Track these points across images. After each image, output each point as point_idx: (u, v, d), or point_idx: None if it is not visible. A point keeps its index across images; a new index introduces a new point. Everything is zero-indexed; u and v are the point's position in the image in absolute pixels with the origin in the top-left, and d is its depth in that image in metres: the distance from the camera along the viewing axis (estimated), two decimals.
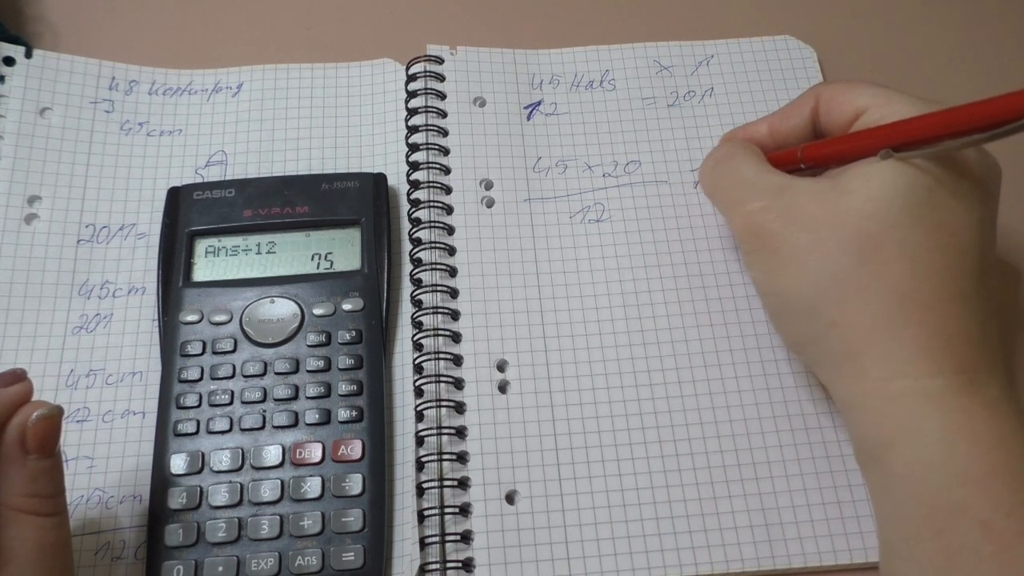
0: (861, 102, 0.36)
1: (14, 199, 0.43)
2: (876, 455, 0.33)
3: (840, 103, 0.37)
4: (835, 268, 0.33)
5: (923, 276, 0.33)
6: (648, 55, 0.50)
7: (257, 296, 0.41)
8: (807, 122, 0.39)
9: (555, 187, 0.46)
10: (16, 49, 0.46)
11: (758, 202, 0.36)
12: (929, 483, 0.31)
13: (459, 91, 0.47)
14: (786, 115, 0.40)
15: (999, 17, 0.54)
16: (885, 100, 0.35)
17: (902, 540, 0.32)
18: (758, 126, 0.41)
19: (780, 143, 0.40)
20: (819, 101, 0.39)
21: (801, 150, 0.38)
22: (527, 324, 0.42)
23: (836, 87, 0.38)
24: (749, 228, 0.36)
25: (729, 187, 0.39)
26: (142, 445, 0.39)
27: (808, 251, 0.34)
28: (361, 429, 0.38)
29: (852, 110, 0.36)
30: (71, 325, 0.41)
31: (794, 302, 0.35)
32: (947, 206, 0.33)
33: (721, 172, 0.40)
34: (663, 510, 0.38)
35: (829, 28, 0.52)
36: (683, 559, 0.37)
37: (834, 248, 0.33)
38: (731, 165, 0.39)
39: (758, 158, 0.39)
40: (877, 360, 0.33)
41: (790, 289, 0.35)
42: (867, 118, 0.36)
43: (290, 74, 0.48)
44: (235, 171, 0.45)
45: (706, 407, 0.40)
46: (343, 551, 0.36)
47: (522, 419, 0.40)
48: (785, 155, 0.39)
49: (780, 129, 0.40)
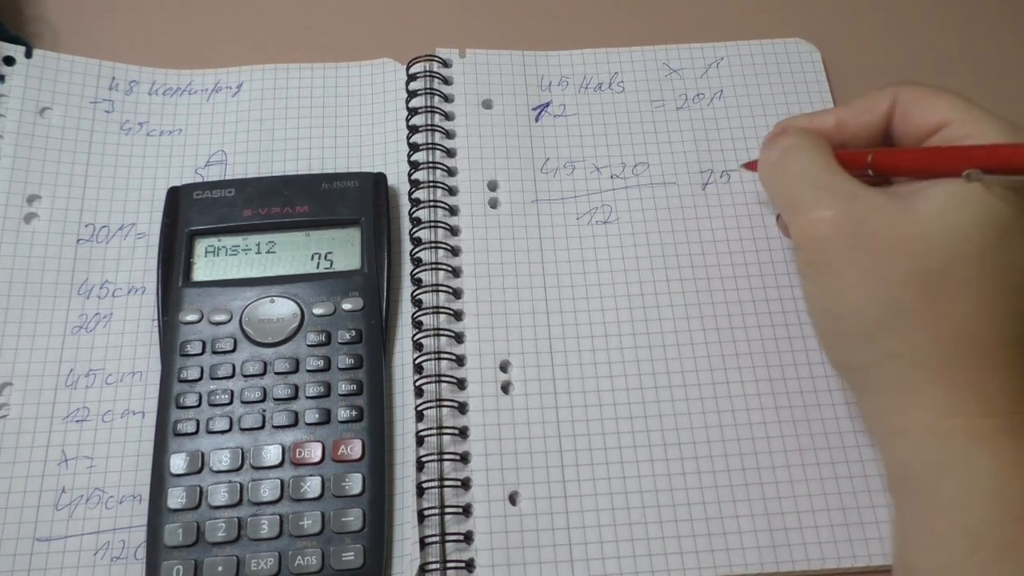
0: (945, 115, 0.35)
1: (14, 198, 0.45)
2: (916, 484, 0.34)
3: (920, 110, 0.37)
4: (898, 298, 0.33)
5: (987, 317, 0.33)
6: (657, 58, 0.52)
7: (257, 296, 0.43)
8: (880, 122, 0.38)
9: (563, 188, 0.48)
10: (16, 49, 0.49)
11: (826, 211, 0.35)
12: (977, 518, 0.32)
13: (467, 93, 0.50)
14: (858, 111, 0.39)
15: (1000, 18, 0.56)
16: (972, 118, 0.35)
17: (938, 568, 0.33)
18: (825, 117, 0.40)
19: (847, 140, 0.39)
20: (897, 102, 0.38)
21: (872, 155, 0.37)
22: (532, 325, 0.44)
23: (920, 92, 0.37)
24: (812, 238, 0.35)
25: (794, 185, 0.37)
26: (142, 445, 0.41)
27: (873, 277, 0.34)
28: (361, 429, 0.40)
29: (934, 120, 0.36)
30: (71, 325, 0.43)
31: (850, 327, 0.35)
32: (1019, 246, 0.33)
33: (786, 165, 0.38)
34: (667, 513, 0.40)
35: (835, 30, 0.54)
36: (687, 562, 0.39)
37: (900, 277, 0.33)
38: (799, 160, 0.37)
39: (828, 156, 0.37)
40: (932, 397, 0.33)
41: (847, 313, 0.35)
42: (948, 132, 0.35)
43: (290, 74, 0.51)
44: (235, 171, 0.48)
45: (711, 410, 0.42)
46: (343, 551, 0.38)
47: (526, 420, 0.42)
48: (853, 156, 0.38)
49: (849, 125, 0.39)
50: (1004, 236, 0.33)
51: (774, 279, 0.46)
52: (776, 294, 0.45)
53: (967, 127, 0.35)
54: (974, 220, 0.33)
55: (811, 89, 0.51)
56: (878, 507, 0.40)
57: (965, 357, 0.33)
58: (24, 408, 0.42)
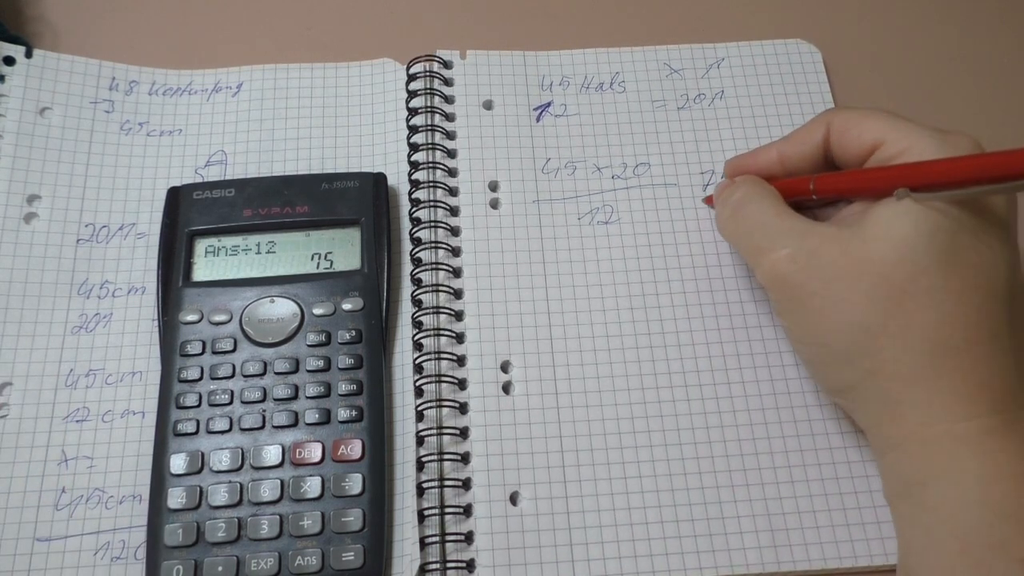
0: (877, 134, 0.37)
1: (14, 198, 0.46)
2: (909, 491, 0.35)
3: (855, 134, 0.38)
4: (865, 318, 0.35)
5: (953, 321, 0.34)
6: (658, 58, 0.53)
7: (257, 296, 0.43)
8: (818, 149, 0.40)
9: (564, 188, 0.48)
10: (16, 49, 0.49)
11: (782, 250, 0.37)
12: (966, 520, 0.33)
13: (468, 94, 0.50)
14: (796, 141, 0.41)
15: (1001, 18, 0.56)
16: (903, 134, 0.36)
17: (933, 571, 0.34)
18: (767, 152, 0.42)
19: (790, 170, 0.41)
20: (831, 129, 0.40)
21: (813, 181, 0.39)
22: (533, 325, 0.44)
23: (849, 115, 0.39)
24: (775, 278, 0.38)
25: (750, 233, 0.40)
26: (142, 445, 0.41)
27: (836, 302, 0.36)
28: (361, 429, 0.41)
29: (868, 141, 0.38)
30: (71, 324, 0.44)
31: (828, 352, 0.37)
32: (971, 248, 0.34)
33: (740, 218, 0.40)
34: (668, 513, 0.40)
35: (836, 31, 0.55)
36: (687, 563, 0.39)
37: (862, 298, 0.35)
38: (749, 210, 0.40)
39: (775, 200, 0.40)
40: (914, 407, 0.35)
41: (822, 340, 0.37)
42: (883, 152, 0.37)
43: (290, 74, 0.51)
44: (235, 171, 0.48)
45: (712, 411, 0.43)
46: (343, 551, 0.38)
47: (527, 420, 0.42)
48: (795, 183, 0.40)
49: (790, 156, 0.41)
50: (951, 242, 0.34)
51: None
52: None
53: (900, 143, 0.36)
54: (919, 231, 0.34)
55: (812, 90, 0.52)
56: (878, 507, 0.41)
57: (939, 363, 0.34)
58: (24, 408, 0.42)
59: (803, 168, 0.41)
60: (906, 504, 0.36)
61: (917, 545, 0.35)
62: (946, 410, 0.34)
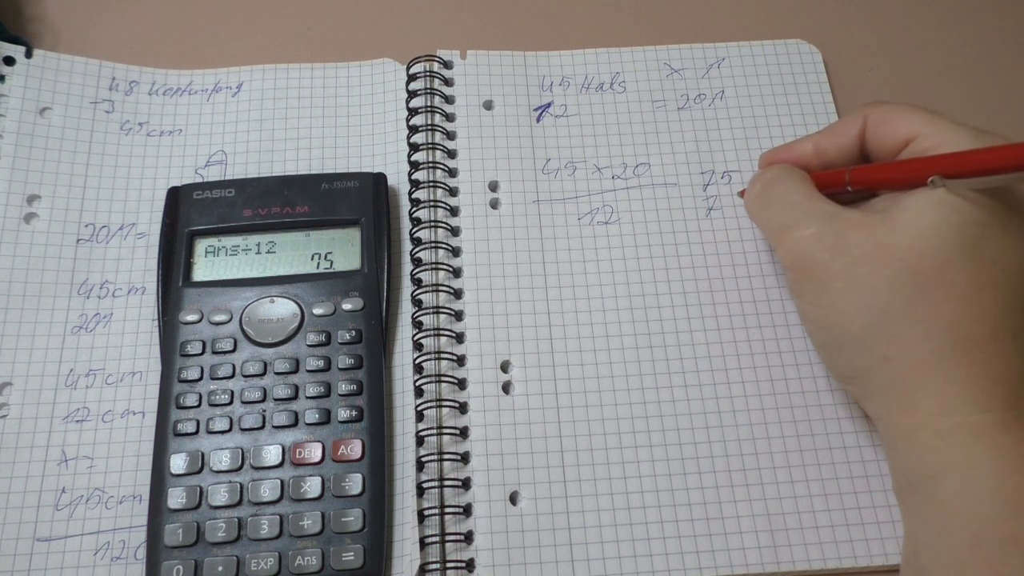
0: (912, 128, 0.38)
1: (14, 198, 0.46)
2: (919, 485, 0.35)
3: (890, 127, 0.39)
4: (886, 303, 0.35)
5: (975, 314, 0.34)
6: (659, 58, 0.53)
7: (257, 296, 0.43)
8: (854, 143, 0.41)
9: (564, 189, 0.48)
10: (16, 49, 0.49)
11: (808, 229, 0.38)
12: (978, 514, 0.33)
13: (468, 94, 0.50)
14: (832, 134, 0.42)
15: (1000, 19, 0.56)
16: (938, 128, 0.37)
17: (945, 566, 0.34)
18: (803, 144, 0.43)
19: (826, 163, 0.42)
20: (867, 122, 0.40)
21: (849, 173, 0.39)
22: (533, 325, 0.45)
23: (886, 110, 0.39)
24: (797, 256, 0.38)
25: (777, 212, 0.40)
26: (142, 445, 0.42)
27: (858, 285, 0.36)
28: (361, 429, 0.41)
29: (903, 135, 0.38)
30: (71, 324, 0.44)
31: (843, 335, 0.37)
32: (998, 242, 0.35)
33: (769, 196, 0.41)
34: (667, 513, 0.41)
35: (836, 31, 0.55)
36: (687, 562, 0.40)
37: (885, 283, 0.35)
38: (779, 189, 0.40)
39: (806, 182, 0.40)
40: (929, 396, 0.35)
41: (839, 322, 0.37)
42: (917, 145, 0.37)
43: (290, 74, 0.52)
44: (235, 171, 0.49)
45: (712, 411, 0.43)
46: (343, 551, 0.38)
47: (526, 420, 0.42)
48: (831, 176, 0.41)
49: (826, 149, 0.42)
50: (979, 235, 0.35)
51: (775, 279, 0.46)
52: (777, 294, 0.46)
53: (934, 138, 0.37)
54: (949, 222, 0.35)
55: (812, 90, 0.52)
56: (878, 507, 0.41)
57: (958, 354, 0.34)
58: (24, 408, 0.42)
59: (838, 160, 0.42)
60: (916, 499, 0.35)
61: (927, 540, 0.35)
62: (961, 402, 0.34)
